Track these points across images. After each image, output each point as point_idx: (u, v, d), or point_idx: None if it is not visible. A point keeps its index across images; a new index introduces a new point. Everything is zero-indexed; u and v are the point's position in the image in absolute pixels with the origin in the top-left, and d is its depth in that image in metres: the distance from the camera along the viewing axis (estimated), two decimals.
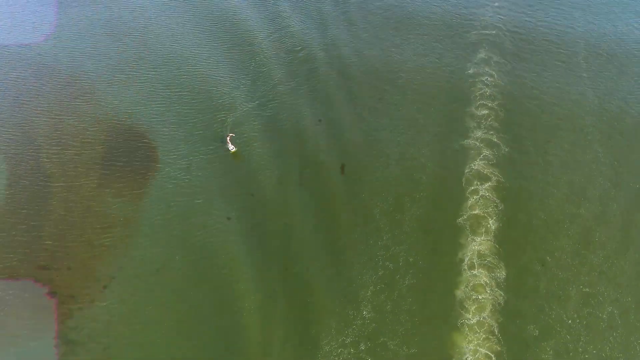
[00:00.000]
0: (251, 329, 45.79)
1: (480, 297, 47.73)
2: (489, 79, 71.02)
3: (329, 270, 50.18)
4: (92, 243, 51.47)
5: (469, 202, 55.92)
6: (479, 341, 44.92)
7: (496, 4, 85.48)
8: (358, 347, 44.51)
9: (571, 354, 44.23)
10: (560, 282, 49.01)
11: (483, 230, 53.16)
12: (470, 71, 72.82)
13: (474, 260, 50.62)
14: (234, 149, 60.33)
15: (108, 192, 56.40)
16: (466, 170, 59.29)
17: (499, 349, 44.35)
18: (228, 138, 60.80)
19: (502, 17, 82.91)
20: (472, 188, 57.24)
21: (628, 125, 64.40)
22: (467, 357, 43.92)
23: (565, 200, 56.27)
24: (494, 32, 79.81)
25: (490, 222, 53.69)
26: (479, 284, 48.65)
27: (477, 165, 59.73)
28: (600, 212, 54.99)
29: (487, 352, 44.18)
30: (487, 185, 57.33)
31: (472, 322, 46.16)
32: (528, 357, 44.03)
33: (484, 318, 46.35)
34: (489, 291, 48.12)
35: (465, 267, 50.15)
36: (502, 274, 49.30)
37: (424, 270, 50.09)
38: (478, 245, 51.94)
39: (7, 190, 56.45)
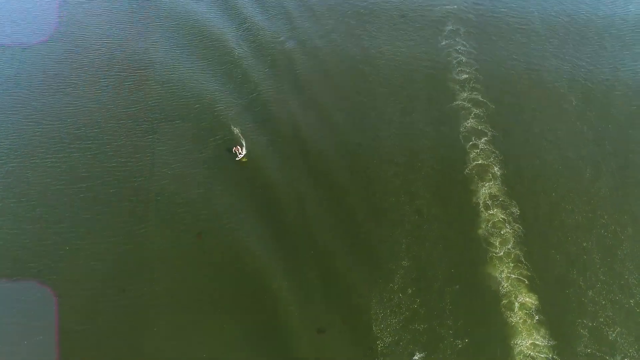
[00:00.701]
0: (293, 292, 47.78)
1: (501, 232, 52.34)
2: (461, 48, 76.71)
3: (359, 235, 52.93)
4: None
5: (471, 155, 60.68)
6: (510, 269, 49.42)
7: None
8: (406, 292, 47.73)
9: (589, 270, 49.59)
10: (567, 212, 54.63)
11: (490, 176, 58.02)
12: (443, 43, 78.22)
13: (488, 202, 55.31)
14: (241, 157, 59.56)
15: None
16: (461, 129, 64.09)
17: (529, 273, 49.02)
18: (235, 149, 59.81)
19: None
20: (471, 143, 62.08)
21: (598, 79, 71.40)
22: (503, 284, 48.19)
23: (554, 146, 62.18)
24: (455, 6, 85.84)
25: (495, 169, 58.65)
26: (498, 221, 53.32)
27: (470, 123, 64.73)
28: (587, 154, 61.14)
29: (519, 277, 48.75)
30: (484, 139, 62.37)
31: (500, 254, 50.62)
32: (556, 277, 48.95)
33: (509, 250, 50.95)
34: (508, 226, 52.87)
35: (482, 209, 54.71)
36: (516, 210, 54.25)
37: (446, 218, 54.19)
38: (488, 189, 56.69)
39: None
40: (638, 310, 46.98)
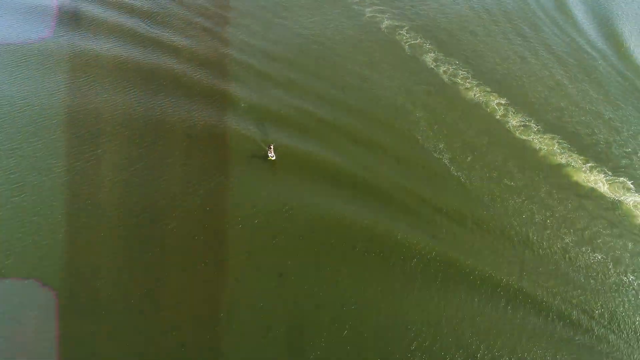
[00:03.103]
0: None
1: (459, 74, 72.89)
2: None
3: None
4: None
5: (403, 40, 79.72)
6: (479, 90, 70.32)
7: None
8: (433, 128, 64.78)
9: (525, 76, 73.67)
10: (490, 51, 78.41)
11: (427, 49, 77.89)
12: None
13: (436, 63, 75.39)
14: (274, 157, 59.54)
15: None
16: (383, 28, 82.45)
17: (491, 89, 70.71)
18: (271, 147, 59.74)
19: None
20: (398, 34, 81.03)
21: None
22: (482, 99, 68.89)
23: (457, 18, 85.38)
24: None
25: (427, 44, 78.69)
26: (452, 71, 73.95)
27: (387, 23, 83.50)
28: (482, 16, 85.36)
29: (486, 92, 69.78)
30: (404, 29, 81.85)
31: (467, 86, 71.26)
32: (509, 86, 71.75)
33: (471, 82, 71.91)
34: (460, 71, 73.74)
35: (435, 69, 74.31)
36: (458, 62, 75.55)
37: (417, 80, 72.69)
38: (431, 57, 76.45)
39: None
40: (559, 86, 72.22)
